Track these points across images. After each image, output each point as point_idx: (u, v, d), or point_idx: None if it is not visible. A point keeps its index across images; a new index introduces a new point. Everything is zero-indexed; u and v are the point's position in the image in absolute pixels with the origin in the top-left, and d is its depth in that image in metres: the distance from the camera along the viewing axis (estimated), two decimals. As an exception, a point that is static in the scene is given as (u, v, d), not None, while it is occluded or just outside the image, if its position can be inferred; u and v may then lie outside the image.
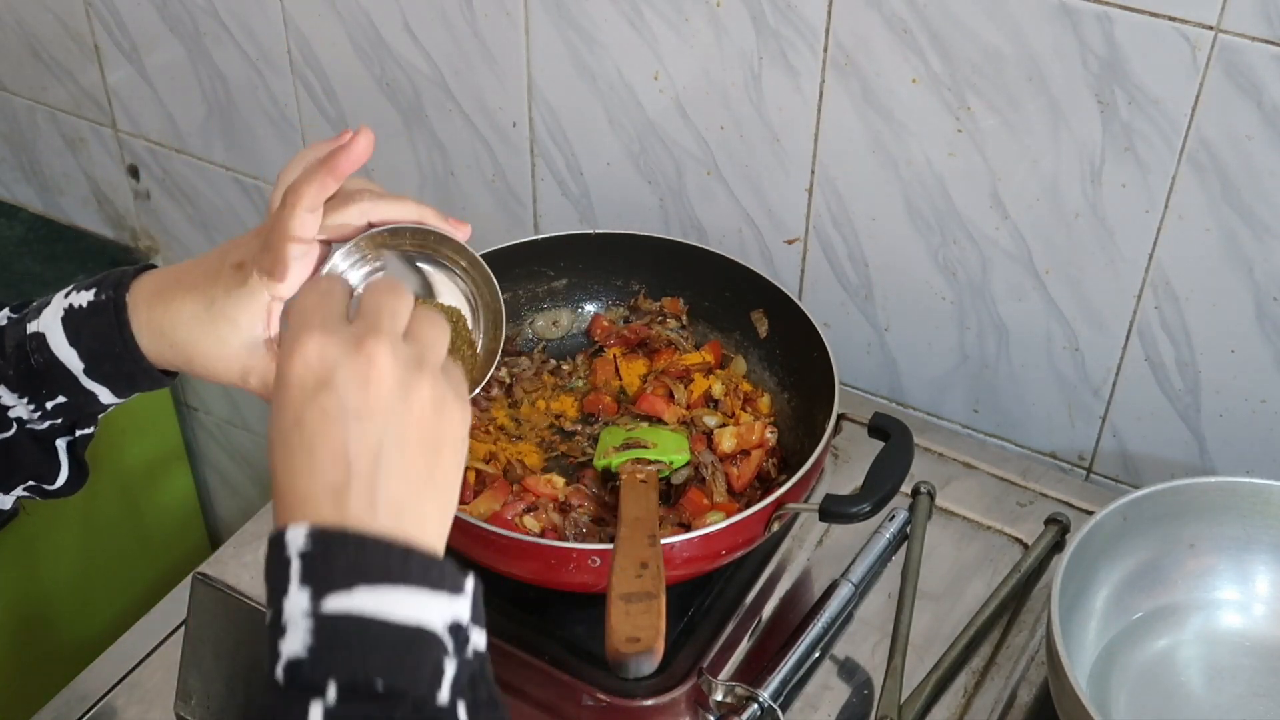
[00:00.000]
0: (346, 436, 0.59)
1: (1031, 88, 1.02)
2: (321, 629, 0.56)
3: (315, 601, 0.56)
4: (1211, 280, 1.03)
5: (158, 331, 0.78)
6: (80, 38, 1.56)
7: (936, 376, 1.22)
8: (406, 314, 0.63)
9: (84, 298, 0.79)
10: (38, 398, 0.80)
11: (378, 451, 0.59)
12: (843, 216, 1.17)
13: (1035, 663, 0.98)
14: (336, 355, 0.60)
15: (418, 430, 0.60)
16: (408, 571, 0.57)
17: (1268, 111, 0.95)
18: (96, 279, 0.80)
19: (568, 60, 1.22)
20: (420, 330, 0.63)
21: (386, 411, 0.59)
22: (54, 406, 0.81)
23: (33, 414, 0.81)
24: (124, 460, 1.77)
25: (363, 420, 0.59)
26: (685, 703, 0.95)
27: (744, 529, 0.94)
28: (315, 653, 0.55)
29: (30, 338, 0.79)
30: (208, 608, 1.04)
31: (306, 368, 0.60)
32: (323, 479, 0.58)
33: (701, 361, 1.14)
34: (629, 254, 1.19)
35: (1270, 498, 0.97)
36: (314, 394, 0.59)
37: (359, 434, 0.59)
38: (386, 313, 0.62)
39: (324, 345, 0.60)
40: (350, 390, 0.59)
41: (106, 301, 0.78)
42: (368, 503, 0.58)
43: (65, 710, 1.05)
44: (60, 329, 0.78)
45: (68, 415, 0.82)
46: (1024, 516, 1.10)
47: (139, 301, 0.78)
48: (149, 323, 0.78)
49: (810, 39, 1.09)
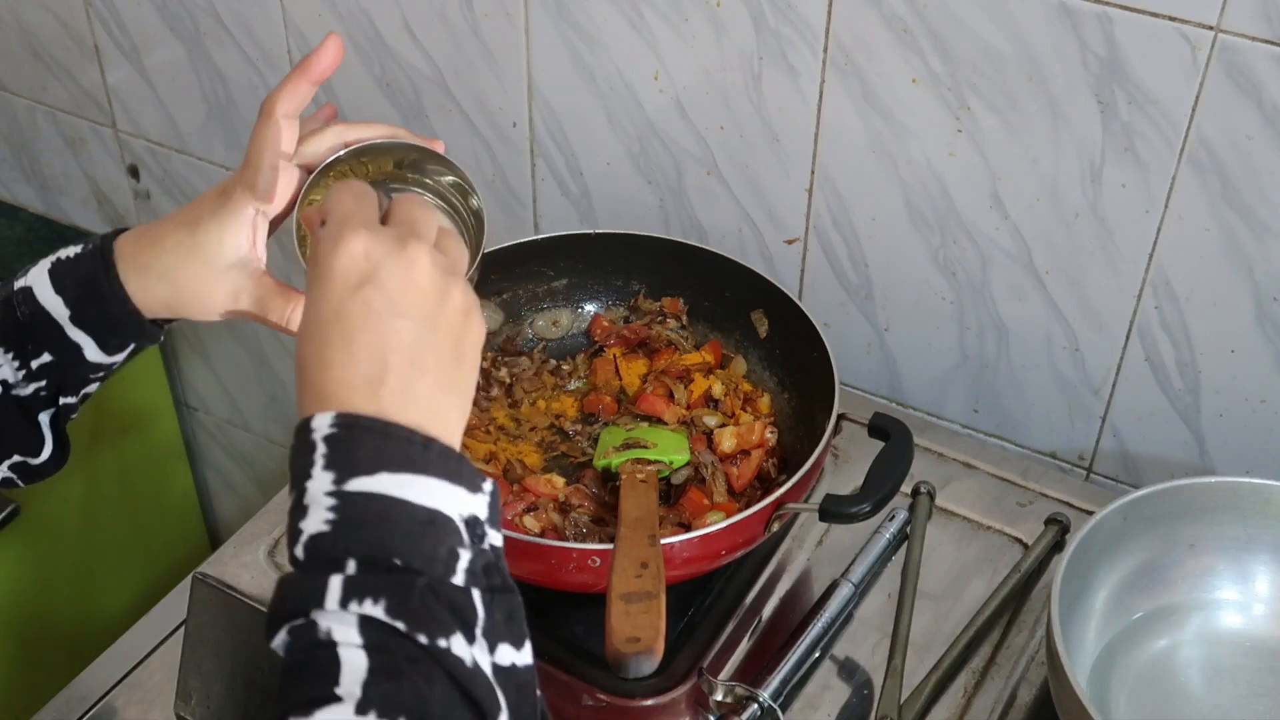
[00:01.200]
0: (386, 331, 0.61)
1: (1031, 88, 1.02)
2: (343, 508, 0.58)
3: (338, 484, 0.58)
4: (1211, 280, 1.03)
5: (144, 268, 0.79)
6: (80, 38, 1.56)
7: (936, 376, 1.22)
8: (435, 226, 0.66)
9: (72, 250, 0.80)
10: (23, 354, 0.80)
11: (414, 349, 0.61)
12: (843, 216, 1.17)
13: (1035, 663, 0.98)
14: (382, 253, 0.62)
15: (448, 334, 0.63)
16: (429, 462, 0.59)
17: (1268, 111, 0.95)
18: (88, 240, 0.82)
19: (568, 60, 1.22)
20: (446, 244, 0.66)
21: (424, 312, 0.62)
22: (39, 366, 0.80)
23: (18, 374, 0.81)
24: (124, 460, 1.77)
25: (402, 318, 0.61)
26: (685, 703, 0.95)
27: (744, 529, 0.94)
28: (336, 528, 0.58)
29: (17, 292, 0.80)
30: (208, 608, 1.04)
31: (352, 261, 0.62)
32: (359, 370, 0.60)
33: (701, 361, 1.14)
34: (629, 254, 1.19)
35: (1270, 498, 0.97)
36: (357, 288, 0.61)
37: (398, 330, 0.61)
38: (420, 221, 0.65)
39: (370, 242, 0.62)
40: (393, 287, 0.61)
41: (94, 250, 0.79)
42: (399, 398, 0.60)
43: (65, 710, 1.05)
44: (47, 279, 0.79)
45: (53, 377, 0.82)
46: (1024, 516, 1.10)
47: (125, 245, 0.80)
48: (135, 259, 0.79)
49: (810, 39, 1.09)
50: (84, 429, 1.67)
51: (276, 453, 1.85)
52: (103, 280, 0.79)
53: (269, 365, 1.74)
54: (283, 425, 1.80)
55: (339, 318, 0.61)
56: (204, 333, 1.77)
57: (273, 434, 1.83)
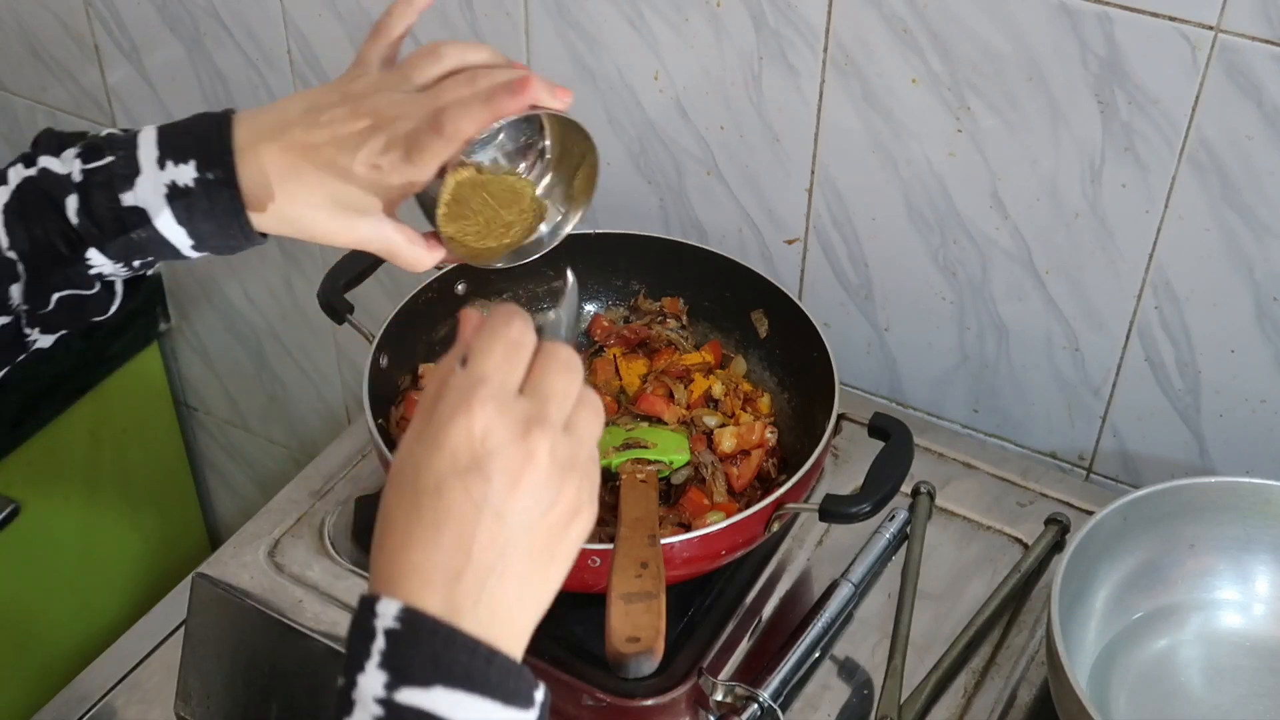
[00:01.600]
0: (478, 528, 0.58)
1: (1031, 88, 1.02)
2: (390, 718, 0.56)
3: (390, 689, 0.56)
4: (1211, 280, 1.03)
5: (281, 219, 0.77)
6: (80, 38, 1.56)
7: (936, 376, 1.22)
8: (575, 396, 0.62)
9: (185, 174, 0.75)
10: (131, 264, 0.78)
11: (502, 551, 0.58)
12: (843, 216, 1.17)
13: (1035, 663, 0.98)
14: (500, 441, 0.58)
15: (546, 535, 0.60)
16: (487, 680, 0.56)
17: (1268, 111, 0.95)
18: (180, 138, 0.76)
19: (568, 60, 1.22)
20: (580, 420, 0.62)
21: (526, 513, 0.58)
22: (141, 264, 0.79)
23: (118, 270, 0.79)
24: (124, 460, 1.77)
25: (500, 519, 0.58)
26: (685, 703, 0.95)
27: (744, 529, 0.94)
28: None
29: (129, 211, 0.75)
30: (208, 608, 1.04)
31: (467, 440, 0.58)
32: (440, 558, 0.57)
33: (701, 361, 1.14)
34: (629, 254, 1.19)
35: (1270, 498, 0.97)
36: (464, 472, 0.58)
37: (492, 530, 0.58)
38: (557, 398, 0.61)
39: (492, 422, 0.58)
40: (500, 484, 0.58)
41: (217, 183, 0.75)
42: (474, 598, 0.57)
43: (65, 710, 1.05)
44: (167, 209, 0.75)
45: (148, 267, 0.81)
46: (1024, 516, 1.10)
47: (256, 187, 0.76)
48: (272, 211, 0.76)
49: (810, 39, 1.09)
50: (84, 429, 1.68)
51: (276, 453, 1.85)
52: (234, 226, 0.76)
53: (269, 365, 1.74)
54: (283, 425, 1.81)
55: (437, 494, 0.58)
56: (204, 333, 1.77)
57: (273, 434, 1.83)
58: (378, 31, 0.80)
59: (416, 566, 0.57)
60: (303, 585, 1.03)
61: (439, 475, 0.58)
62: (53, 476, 1.65)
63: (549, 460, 0.59)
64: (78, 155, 0.77)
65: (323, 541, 1.07)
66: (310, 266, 1.57)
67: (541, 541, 0.59)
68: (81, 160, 0.76)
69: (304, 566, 1.05)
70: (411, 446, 0.60)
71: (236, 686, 1.02)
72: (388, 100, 0.76)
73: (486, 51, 0.79)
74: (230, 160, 0.75)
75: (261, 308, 1.67)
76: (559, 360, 0.62)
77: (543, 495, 0.59)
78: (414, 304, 1.11)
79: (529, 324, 0.63)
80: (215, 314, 1.73)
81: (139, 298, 0.84)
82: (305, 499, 1.11)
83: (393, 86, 0.77)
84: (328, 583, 1.03)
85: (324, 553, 1.06)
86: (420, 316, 1.12)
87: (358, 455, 1.16)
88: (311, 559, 1.05)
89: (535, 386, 0.61)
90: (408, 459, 0.60)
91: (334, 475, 1.14)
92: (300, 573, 1.04)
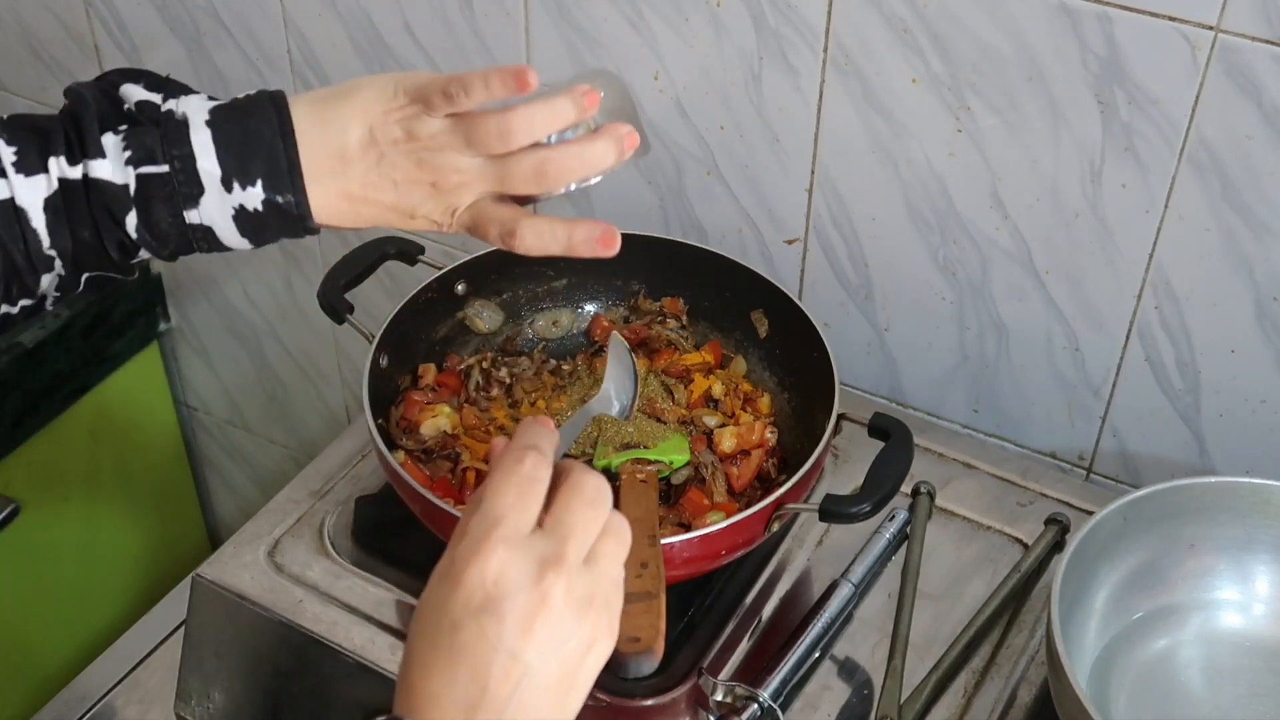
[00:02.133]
0: (492, 664, 0.59)
1: (1031, 88, 1.02)
2: None
3: None
4: (1211, 280, 1.03)
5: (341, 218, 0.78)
6: (80, 38, 1.56)
7: (936, 376, 1.22)
8: (598, 530, 0.62)
9: (253, 198, 0.75)
10: (178, 257, 0.78)
11: (518, 685, 0.59)
12: (843, 216, 1.17)
13: (1035, 663, 0.98)
14: (514, 581, 0.59)
15: (559, 670, 0.60)
16: None
17: (1268, 111, 0.95)
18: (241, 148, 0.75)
19: (568, 60, 1.22)
20: (603, 552, 0.62)
21: (540, 652, 0.59)
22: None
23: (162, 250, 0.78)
24: (124, 460, 1.77)
25: (515, 658, 0.59)
26: (685, 703, 0.95)
27: (744, 529, 0.94)
28: None
29: (193, 229, 0.75)
30: (208, 608, 1.04)
31: (482, 580, 0.59)
32: (457, 691, 0.59)
33: (701, 361, 1.14)
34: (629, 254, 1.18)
35: (1270, 498, 0.97)
36: (479, 611, 0.59)
37: (506, 667, 0.59)
38: (577, 535, 0.61)
39: (506, 563, 0.59)
40: (513, 626, 0.59)
41: (286, 206, 0.75)
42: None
43: (65, 710, 1.05)
44: (234, 228, 0.75)
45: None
46: (1024, 516, 1.10)
47: (321, 211, 0.76)
48: (339, 222, 0.78)
49: (810, 39, 1.09)
50: (84, 429, 1.68)
51: (276, 453, 1.85)
52: (298, 232, 0.77)
53: (269, 365, 1.74)
54: (283, 425, 1.81)
55: (454, 630, 0.59)
56: (204, 333, 1.77)
57: (273, 434, 1.83)
58: (459, 88, 0.74)
59: (435, 696, 0.59)
60: (303, 585, 1.03)
61: (456, 614, 0.60)
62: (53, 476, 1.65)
63: (564, 600, 0.60)
64: (125, 150, 0.74)
65: (323, 542, 1.07)
66: (310, 266, 1.57)
67: (557, 674, 0.60)
68: (133, 164, 0.74)
69: (304, 567, 1.05)
70: (436, 582, 0.61)
71: (236, 687, 1.03)
72: (454, 165, 0.76)
73: (552, 111, 0.76)
74: (300, 183, 0.75)
75: (261, 308, 1.67)
76: (583, 495, 0.63)
77: (557, 632, 0.60)
78: (414, 304, 1.11)
79: (543, 459, 0.63)
80: (215, 314, 1.73)
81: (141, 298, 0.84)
82: (305, 499, 1.11)
83: (459, 148, 0.76)
84: (327, 583, 1.03)
85: (324, 553, 1.06)
86: (420, 316, 1.12)
87: (358, 455, 1.15)
88: (311, 559, 1.05)
89: (556, 522, 0.62)
90: (433, 593, 0.61)
91: (334, 475, 1.14)
92: (300, 573, 1.04)
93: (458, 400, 1.12)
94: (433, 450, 1.06)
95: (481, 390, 1.13)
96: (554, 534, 0.61)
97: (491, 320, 1.18)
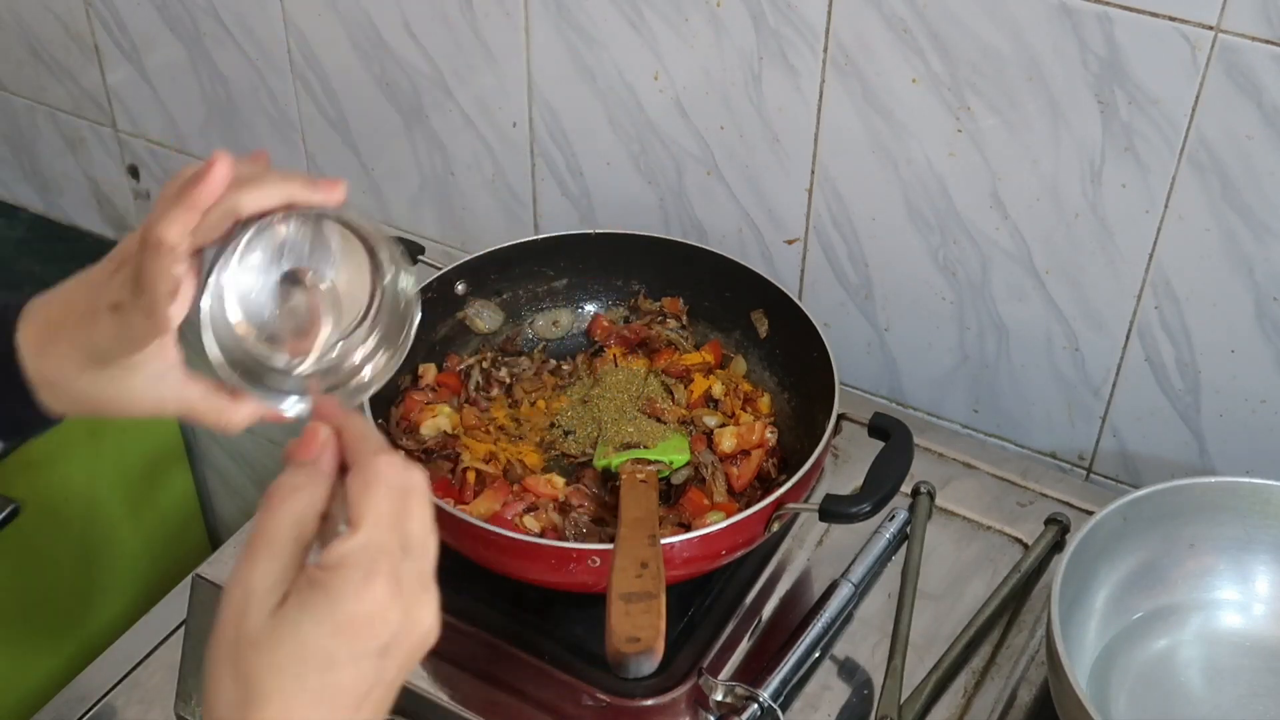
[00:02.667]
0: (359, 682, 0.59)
1: (1031, 88, 1.02)
2: None
3: None
4: (1211, 280, 1.03)
5: (49, 384, 0.74)
6: (80, 38, 1.56)
7: (936, 376, 1.22)
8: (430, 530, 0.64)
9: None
10: None
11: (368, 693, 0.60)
12: (843, 216, 1.17)
13: (1035, 663, 0.98)
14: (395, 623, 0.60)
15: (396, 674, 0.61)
16: None
17: (1268, 111, 0.95)
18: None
19: (567, 60, 1.22)
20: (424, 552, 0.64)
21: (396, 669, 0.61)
22: None
23: None
24: (124, 460, 1.77)
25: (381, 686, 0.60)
26: (685, 703, 0.95)
27: (744, 529, 0.94)
28: None
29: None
30: (208, 608, 1.04)
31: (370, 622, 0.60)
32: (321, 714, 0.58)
33: (701, 361, 1.14)
34: (629, 254, 1.19)
35: (1270, 498, 0.97)
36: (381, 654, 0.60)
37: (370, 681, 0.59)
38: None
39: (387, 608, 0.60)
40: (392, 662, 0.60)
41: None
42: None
43: (65, 710, 1.05)
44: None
45: None
46: (1024, 516, 1.10)
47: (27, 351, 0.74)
48: (39, 375, 0.74)
49: (810, 39, 1.09)
50: (84, 429, 1.67)
51: (276, 453, 1.84)
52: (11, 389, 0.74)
53: (269, 365, 1.73)
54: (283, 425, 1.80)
55: (330, 666, 0.58)
56: (204, 333, 1.76)
57: (273, 434, 1.83)
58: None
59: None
60: (303, 585, 1.03)
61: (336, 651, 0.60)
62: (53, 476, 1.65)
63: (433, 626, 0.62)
64: None
65: (323, 541, 1.07)
66: (310, 266, 1.57)
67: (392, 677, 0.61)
68: None
69: (304, 566, 1.05)
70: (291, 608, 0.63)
71: (236, 686, 1.02)
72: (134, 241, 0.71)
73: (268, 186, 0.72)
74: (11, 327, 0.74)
75: (261, 308, 1.67)
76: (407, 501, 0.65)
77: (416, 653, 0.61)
78: (414, 304, 1.11)
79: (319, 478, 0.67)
80: (215, 314, 1.72)
81: None
82: (305, 499, 1.11)
83: None
84: (328, 583, 1.03)
85: (324, 553, 1.06)
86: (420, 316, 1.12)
87: (358, 455, 1.15)
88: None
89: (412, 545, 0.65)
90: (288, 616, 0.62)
91: (334, 475, 1.13)
92: (300, 573, 1.04)
93: (458, 400, 1.12)
94: (433, 450, 1.06)
95: (481, 390, 1.13)
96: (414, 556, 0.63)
97: (491, 320, 1.18)
